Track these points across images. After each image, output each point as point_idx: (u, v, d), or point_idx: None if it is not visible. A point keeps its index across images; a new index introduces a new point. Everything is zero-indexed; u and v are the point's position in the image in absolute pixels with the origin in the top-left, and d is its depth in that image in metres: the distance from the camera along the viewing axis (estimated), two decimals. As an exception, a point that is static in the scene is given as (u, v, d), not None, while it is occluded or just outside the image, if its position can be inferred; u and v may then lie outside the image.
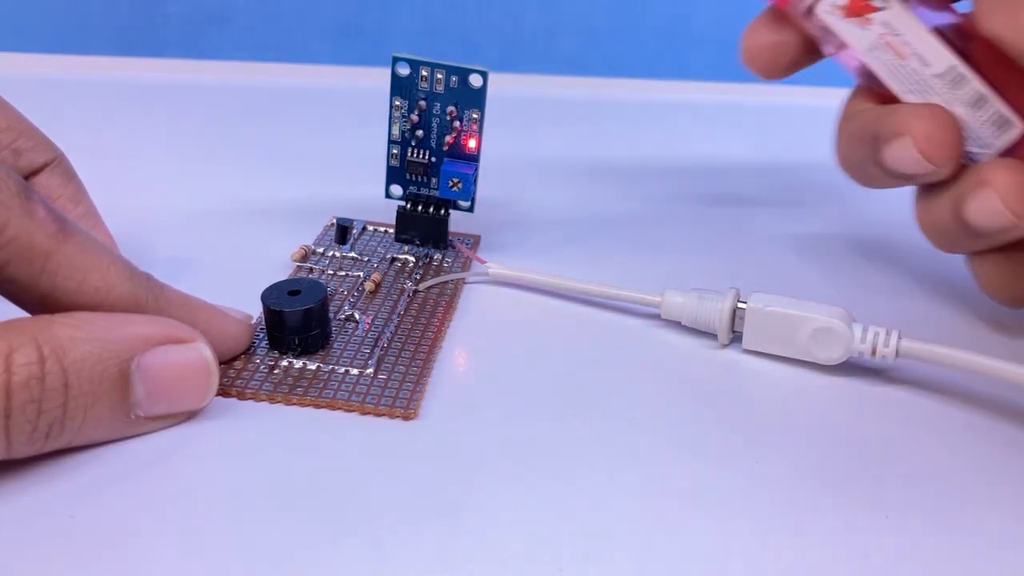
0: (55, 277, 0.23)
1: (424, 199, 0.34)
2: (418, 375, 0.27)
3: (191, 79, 0.52)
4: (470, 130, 0.33)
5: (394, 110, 0.33)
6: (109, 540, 0.21)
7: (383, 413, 0.26)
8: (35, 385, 0.21)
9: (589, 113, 0.52)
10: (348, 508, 0.23)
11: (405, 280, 0.32)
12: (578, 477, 0.24)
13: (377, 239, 0.35)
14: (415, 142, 0.33)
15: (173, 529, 0.22)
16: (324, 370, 0.27)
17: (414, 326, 0.30)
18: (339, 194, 0.38)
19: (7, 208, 0.22)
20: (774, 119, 0.51)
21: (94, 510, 0.22)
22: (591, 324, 0.31)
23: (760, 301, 0.29)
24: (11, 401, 0.21)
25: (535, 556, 0.21)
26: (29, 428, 0.21)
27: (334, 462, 0.24)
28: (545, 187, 0.42)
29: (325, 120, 0.48)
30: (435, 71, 0.32)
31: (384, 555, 0.21)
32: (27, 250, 0.22)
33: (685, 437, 0.26)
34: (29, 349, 0.21)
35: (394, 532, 0.22)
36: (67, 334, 0.22)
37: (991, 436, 0.26)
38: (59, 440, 0.22)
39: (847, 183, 0.32)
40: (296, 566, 0.21)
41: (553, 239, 0.37)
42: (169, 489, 0.23)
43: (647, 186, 0.43)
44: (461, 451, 0.25)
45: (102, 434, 0.23)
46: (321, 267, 0.33)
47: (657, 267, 0.35)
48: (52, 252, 0.23)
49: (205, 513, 0.22)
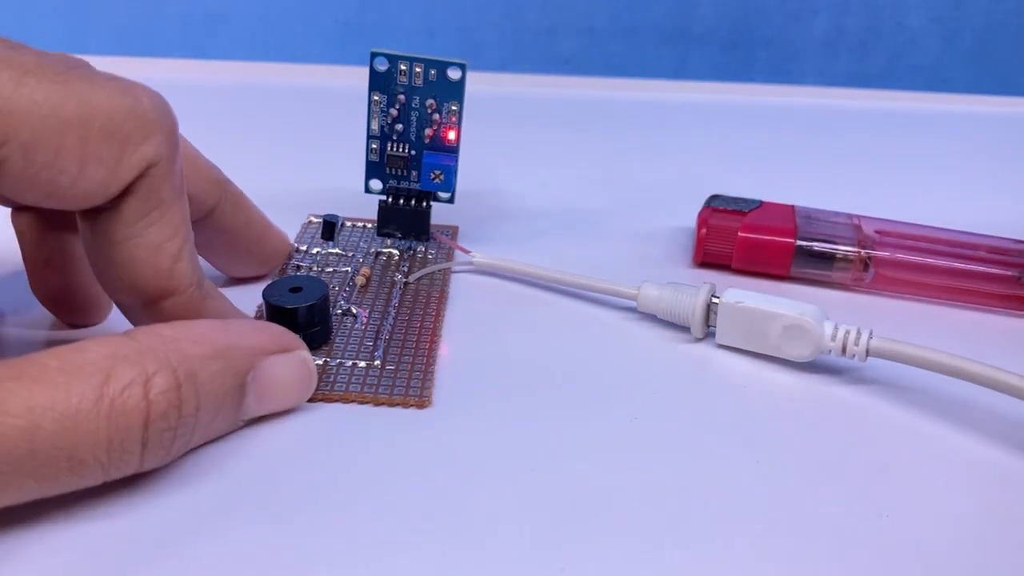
0: (151, 225, 0.23)
1: (405, 192, 0.34)
2: (425, 364, 0.28)
3: (190, 79, 0.52)
4: (449, 122, 0.33)
5: (373, 105, 0.33)
6: (143, 535, 0.21)
7: (397, 403, 0.26)
8: (173, 414, 0.21)
9: (587, 113, 0.52)
10: (376, 495, 0.23)
11: (394, 273, 0.33)
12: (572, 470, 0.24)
13: (358, 234, 0.35)
14: (395, 136, 0.33)
15: (204, 527, 0.22)
16: (332, 364, 0.27)
17: (411, 317, 0.30)
18: (312, 190, 0.39)
19: (157, 128, 0.23)
20: (775, 118, 0.51)
21: (126, 509, 0.22)
22: (568, 314, 0.31)
23: (733, 296, 0.29)
24: (149, 431, 0.21)
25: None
26: (163, 453, 0.22)
27: (358, 452, 0.24)
28: (528, 182, 0.42)
29: (314, 119, 0.48)
30: (414, 65, 0.32)
31: (417, 540, 0.22)
32: (154, 190, 0.23)
33: (651, 431, 0.26)
34: (166, 374, 0.21)
35: (423, 517, 0.22)
36: (196, 353, 0.22)
37: (959, 437, 0.26)
38: (181, 453, 0.23)
39: (843, 183, 0.32)
40: (328, 555, 0.21)
41: (530, 231, 0.37)
42: (195, 487, 0.23)
43: (636, 182, 0.43)
44: (476, 437, 0.25)
45: (209, 439, 0.24)
46: (308, 264, 0.33)
47: (633, 260, 0.35)
48: (169, 205, 0.23)
49: (242, 511, 0.22)
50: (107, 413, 0.20)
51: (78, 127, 0.21)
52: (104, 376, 0.20)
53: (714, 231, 0.34)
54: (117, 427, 0.20)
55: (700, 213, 0.35)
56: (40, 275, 0.28)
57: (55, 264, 0.28)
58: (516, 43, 0.61)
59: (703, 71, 0.62)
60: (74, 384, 0.20)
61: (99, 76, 0.22)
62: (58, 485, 0.20)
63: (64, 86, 0.21)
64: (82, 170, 0.21)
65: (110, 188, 0.22)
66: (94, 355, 0.21)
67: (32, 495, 0.20)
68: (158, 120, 0.23)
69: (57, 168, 0.21)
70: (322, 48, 0.61)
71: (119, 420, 0.20)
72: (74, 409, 0.20)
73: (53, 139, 0.21)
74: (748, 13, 0.60)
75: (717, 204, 0.35)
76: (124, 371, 0.20)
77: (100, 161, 0.22)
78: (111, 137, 0.22)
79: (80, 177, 0.22)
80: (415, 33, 0.60)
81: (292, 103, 0.51)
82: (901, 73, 0.62)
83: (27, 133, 0.20)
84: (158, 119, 0.23)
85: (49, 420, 0.19)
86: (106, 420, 0.20)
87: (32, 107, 0.20)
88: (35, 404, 0.19)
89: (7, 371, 0.20)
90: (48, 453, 0.19)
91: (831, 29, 0.61)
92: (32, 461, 0.19)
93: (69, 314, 0.29)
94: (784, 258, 0.33)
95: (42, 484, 0.20)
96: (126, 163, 0.22)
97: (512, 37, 0.61)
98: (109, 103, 0.22)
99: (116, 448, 0.20)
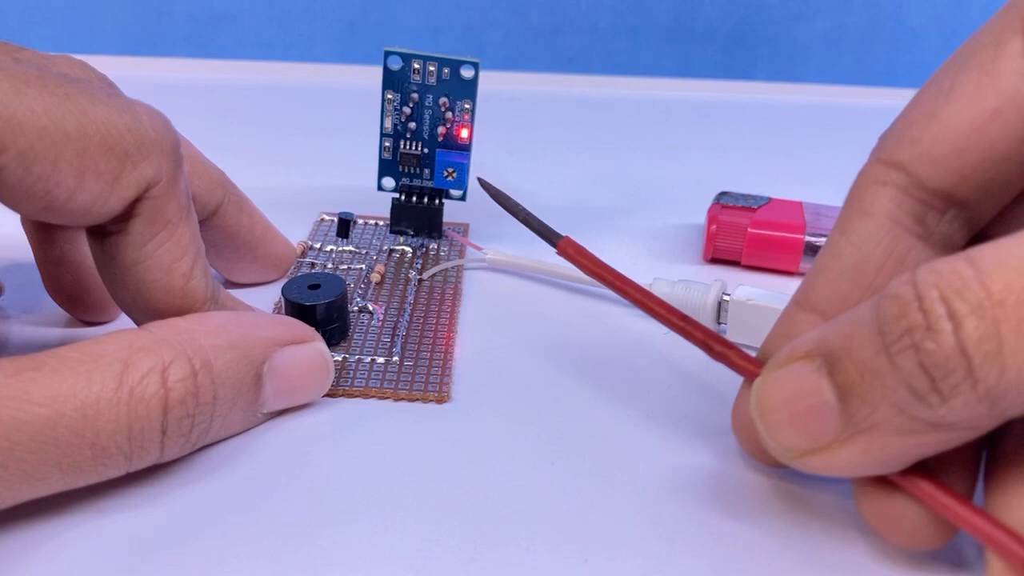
0: (160, 247, 0.23)
1: (417, 190, 0.34)
2: (443, 360, 0.28)
3: (197, 78, 0.52)
4: (462, 120, 0.33)
5: (386, 103, 0.33)
6: (168, 525, 0.22)
7: (417, 398, 0.27)
8: (190, 401, 0.22)
9: (591, 111, 0.52)
10: (401, 488, 0.23)
11: (408, 270, 0.33)
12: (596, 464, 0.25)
13: (370, 232, 0.35)
14: (408, 134, 0.34)
15: (228, 519, 0.22)
16: (351, 360, 0.28)
17: (427, 313, 0.31)
18: (321, 189, 0.39)
19: (157, 147, 0.23)
20: (777, 116, 0.51)
21: (146, 501, 0.22)
22: (581, 311, 0.32)
23: (744, 294, 0.29)
24: (168, 417, 0.21)
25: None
26: (182, 441, 0.22)
27: (380, 446, 0.25)
28: (535, 180, 0.42)
29: (322, 118, 0.48)
30: (427, 64, 0.32)
31: (441, 532, 0.22)
32: (158, 211, 0.23)
33: (666, 425, 0.26)
34: (182, 363, 0.21)
35: (449, 509, 0.23)
36: (210, 343, 0.22)
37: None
38: (200, 444, 0.23)
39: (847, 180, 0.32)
40: (352, 547, 0.21)
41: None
42: (217, 480, 0.23)
43: (642, 179, 0.43)
44: (496, 430, 0.26)
45: (229, 433, 0.24)
46: (322, 262, 0.33)
47: (643, 257, 0.35)
48: (175, 224, 0.23)
49: (265, 504, 0.23)
50: (127, 400, 0.20)
51: (77, 140, 0.21)
52: (123, 365, 0.21)
53: (724, 227, 0.34)
54: (137, 414, 0.21)
55: (710, 209, 0.35)
56: (53, 274, 0.28)
57: (67, 263, 0.28)
58: (520, 42, 0.62)
59: (705, 69, 0.62)
60: (95, 373, 0.20)
61: (100, 92, 0.22)
62: (83, 474, 0.21)
63: (64, 99, 0.21)
64: (80, 184, 0.22)
65: (109, 204, 0.22)
66: (112, 346, 0.21)
67: (58, 485, 0.20)
68: (158, 140, 0.23)
69: (55, 180, 0.21)
70: (327, 47, 0.61)
71: (139, 408, 0.21)
72: (95, 397, 0.20)
73: (51, 150, 0.21)
74: (750, 12, 0.61)
75: (726, 201, 0.36)
76: (142, 360, 0.21)
77: (98, 175, 0.22)
78: (110, 152, 0.22)
79: (78, 191, 0.22)
80: (420, 32, 0.61)
81: (298, 102, 0.51)
82: (902, 71, 0.62)
83: (25, 143, 0.20)
84: (158, 139, 0.23)
85: (71, 408, 0.20)
86: (126, 407, 0.20)
87: (31, 117, 0.21)
88: (57, 393, 0.20)
89: (28, 363, 0.20)
90: (71, 440, 0.20)
91: (833, 28, 0.61)
92: (56, 448, 0.20)
93: (84, 312, 0.29)
94: (794, 254, 0.34)
95: (67, 473, 0.20)
96: (125, 180, 0.22)
97: (516, 36, 0.61)
98: (109, 118, 0.22)
99: (137, 435, 0.21)
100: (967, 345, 0.17)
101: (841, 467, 0.20)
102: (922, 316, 0.17)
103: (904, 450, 0.19)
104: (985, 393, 0.17)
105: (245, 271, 0.31)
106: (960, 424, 0.18)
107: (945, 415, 0.17)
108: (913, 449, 0.19)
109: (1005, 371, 0.16)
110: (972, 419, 0.17)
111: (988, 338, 0.16)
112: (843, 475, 0.20)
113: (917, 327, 0.17)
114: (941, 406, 0.17)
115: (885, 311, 0.18)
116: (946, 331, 0.17)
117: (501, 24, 0.61)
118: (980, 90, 0.21)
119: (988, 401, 0.17)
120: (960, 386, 0.17)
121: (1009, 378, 0.17)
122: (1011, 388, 0.17)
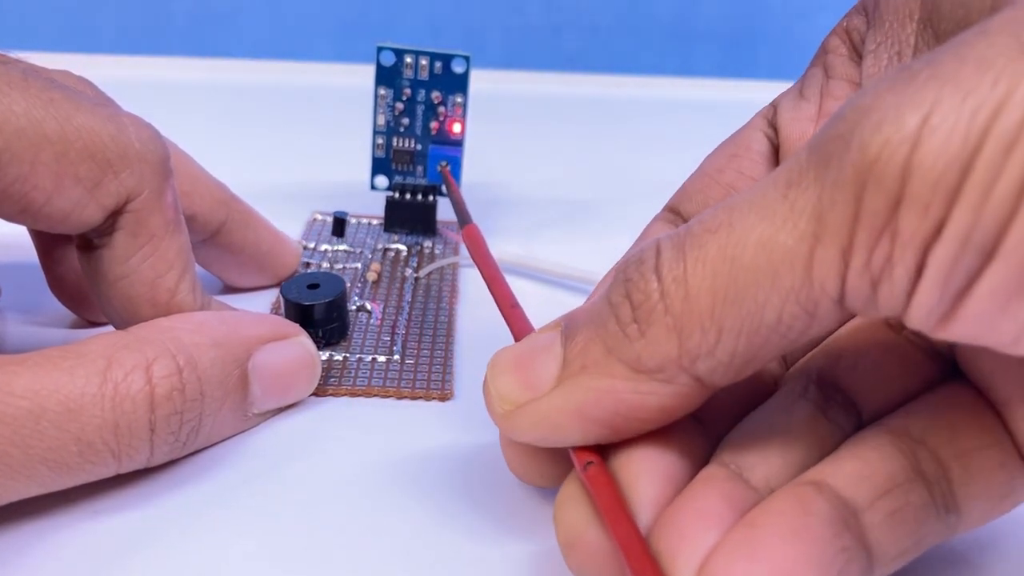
0: (144, 261, 0.23)
1: (411, 188, 0.34)
2: (444, 357, 0.28)
3: (195, 77, 0.52)
4: (455, 115, 0.33)
5: (379, 99, 0.33)
6: (172, 528, 0.21)
7: (419, 396, 0.26)
8: (177, 397, 0.21)
9: (592, 109, 0.52)
10: (406, 484, 0.23)
11: (404, 268, 0.33)
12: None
13: (364, 230, 0.35)
14: (402, 129, 0.33)
15: (225, 517, 0.22)
16: (352, 359, 0.27)
17: (425, 311, 0.30)
18: (315, 187, 0.39)
19: (141, 159, 0.22)
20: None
21: (140, 501, 0.22)
22: (575, 307, 0.31)
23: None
24: (156, 414, 0.21)
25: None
26: (172, 439, 0.22)
27: (385, 443, 0.24)
28: (534, 178, 0.42)
29: (315, 117, 0.48)
30: (419, 58, 0.32)
31: (450, 529, 0.22)
32: (141, 224, 0.23)
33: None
34: (166, 360, 0.21)
35: (454, 505, 0.22)
36: (192, 341, 0.22)
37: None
38: (192, 446, 0.23)
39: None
40: (352, 549, 0.21)
41: (537, 227, 0.37)
42: (213, 479, 0.23)
43: (641, 178, 0.43)
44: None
45: (221, 435, 0.24)
46: (317, 261, 0.33)
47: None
48: (160, 238, 0.23)
49: (266, 502, 0.22)
50: (112, 395, 0.20)
51: (56, 143, 0.21)
52: (107, 362, 0.20)
53: None
54: (123, 410, 0.20)
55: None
56: (57, 274, 0.28)
57: (70, 263, 0.28)
58: (520, 41, 0.61)
59: (706, 68, 0.62)
60: (78, 369, 0.20)
61: (87, 101, 0.22)
62: (71, 472, 0.20)
63: (48, 103, 0.21)
64: (57, 188, 0.21)
65: (88, 211, 0.22)
66: (95, 345, 0.21)
67: (48, 484, 0.20)
68: (143, 151, 0.23)
69: (31, 183, 0.21)
70: (326, 46, 0.61)
71: (124, 403, 0.20)
72: (79, 392, 0.20)
73: (28, 151, 0.21)
74: (751, 10, 0.61)
75: (723, 197, 0.35)
76: (126, 357, 0.21)
77: (77, 181, 0.22)
78: (90, 159, 0.22)
79: (55, 195, 0.21)
80: (419, 31, 0.61)
81: (294, 101, 0.51)
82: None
83: (1, 142, 0.20)
84: (143, 150, 0.23)
85: (54, 402, 0.19)
86: (111, 402, 0.20)
87: (9, 117, 0.20)
88: (40, 386, 0.19)
89: (10, 359, 0.20)
90: (55, 435, 0.19)
91: (833, 26, 0.61)
92: (40, 443, 0.19)
93: (88, 311, 0.29)
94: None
95: (54, 471, 0.20)
96: (104, 189, 0.22)
97: (516, 35, 0.61)
98: (92, 126, 0.22)
99: (124, 432, 0.20)
100: (661, 266, 0.17)
101: (545, 419, 0.19)
102: (638, 255, 0.18)
103: (605, 403, 0.18)
104: (673, 323, 0.17)
105: (251, 279, 0.31)
106: (657, 371, 0.17)
107: (642, 351, 0.17)
108: (613, 405, 0.18)
109: (688, 295, 0.17)
110: (668, 367, 0.17)
111: (675, 260, 0.17)
112: (544, 435, 0.19)
113: (631, 263, 0.18)
114: (639, 339, 0.17)
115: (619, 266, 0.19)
116: (649, 260, 0.17)
117: (501, 23, 0.61)
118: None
119: (676, 333, 0.17)
120: (654, 312, 0.17)
121: (692, 307, 0.17)
122: (694, 321, 0.17)
